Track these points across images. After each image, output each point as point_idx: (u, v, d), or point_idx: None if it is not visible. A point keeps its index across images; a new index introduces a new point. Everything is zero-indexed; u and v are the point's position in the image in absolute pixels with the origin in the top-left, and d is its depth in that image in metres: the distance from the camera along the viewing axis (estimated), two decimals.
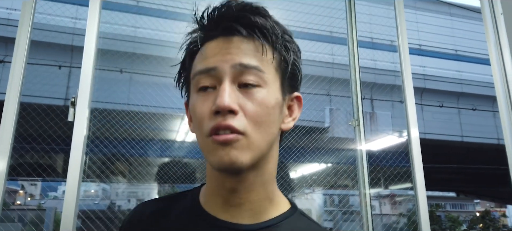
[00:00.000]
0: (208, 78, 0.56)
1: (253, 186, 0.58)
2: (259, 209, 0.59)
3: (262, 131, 0.55)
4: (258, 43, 0.57)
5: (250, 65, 0.55)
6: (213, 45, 0.58)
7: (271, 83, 0.57)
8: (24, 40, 1.42)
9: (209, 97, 0.55)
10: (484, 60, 8.74)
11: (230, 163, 0.53)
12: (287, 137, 5.41)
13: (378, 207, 13.64)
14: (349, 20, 2.52)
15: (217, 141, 0.53)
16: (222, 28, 0.58)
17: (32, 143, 2.72)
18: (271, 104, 0.57)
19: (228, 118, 0.53)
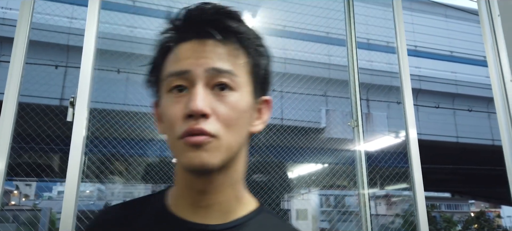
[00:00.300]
0: (180, 80, 0.56)
1: (222, 187, 0.59)
2: (228, 209, 0.60)
3: (234, 134, 0.57)
4: (232, 47, 0.58)
5: (223, 69, 0.56)
6: (186, 48, 0.58)
7: (243, 87, 0.58)
8: (23, 40, 1.42)
9: (181, 99, 0.56)
10: (479, 62, 8.81)
11: (201, 165, 0.54)
12: (287, 137, 5.43)
13: (373, 208, 13.66)
14: (347, 21, 2.53)
15: (189, 142, 0.54)
16: (196, 31, 0.58)
17: (31, 142, 2.71)
18: (243, 108, 0.58)
19: (200, 122, 0.54)
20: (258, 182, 6.18)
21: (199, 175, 0.57)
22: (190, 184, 0.59)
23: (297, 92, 5.79)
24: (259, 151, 5.95)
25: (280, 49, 6.25)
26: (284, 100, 5.87)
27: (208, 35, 0.57)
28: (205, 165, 0.54)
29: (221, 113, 0.55)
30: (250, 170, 6.19)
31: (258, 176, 6.07)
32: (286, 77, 5.95)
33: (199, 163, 0.54)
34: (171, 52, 0.59)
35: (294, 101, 5.78)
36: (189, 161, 0.54)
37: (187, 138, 0.54)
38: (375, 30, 5.64)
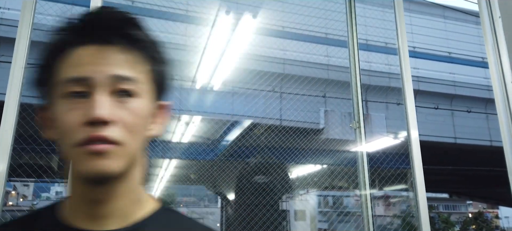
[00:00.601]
0: (79, 86, 0.54)
1: (122, 192, 0.58)
2: (127, 213, 0.59)
3: (136, 140, 0.57)
4: (133, 54, 0.58)
5: (125, 76, 0.56)
6: (86, 52, 0.56)
7: (144, 93, 0.58)
8: (24, 40, 1.42)
9: (80, 106, 0.54)
10: (477, 63, 8.83)
11: (103, 172, 0.53)
12: (287, 138, 5.43)
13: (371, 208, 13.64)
14: (349, 23, 2.52)
15: (89, 150, 0.52)
16: (96, 36, 0.57)
17: (33, 144, 2.71)
18: (144, 114, 0.58)
19: (102, 129, 0.53)
20: (260, 183, 6.18)
21: (98, 184, 0.56)
22: (87, 193, 0.57)
23: (298, 93, 5.80)
24: (260, 152, 5.96)
25: (280, 50, 6.25)
26: (283, 102, 5.88)
27: (108, 41, 0.56)
28: (107, 172, 0.53)
29: (124, 120, 0.55)
30: (252, 171, 6.19)
31: (260, 177, 6.06)
32: (286, 78, 5.95)
33: (101, 171, 0.53)
34: (67, 55, 0.57)
35: (296, 102, 5.78)
36: (90, 169, 0.53)
37: (88, 146, 0.52)
38: (373, 31, 5.65)
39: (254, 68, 5.46)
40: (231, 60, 4.97)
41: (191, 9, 5.28)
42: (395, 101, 6.24)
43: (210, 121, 6.00)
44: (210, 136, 6.34)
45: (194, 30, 5.19)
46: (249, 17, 4.34)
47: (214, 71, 5.14)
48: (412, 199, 7.57)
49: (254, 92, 5.39)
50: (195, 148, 6.30)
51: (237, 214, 7.76)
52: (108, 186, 0.56)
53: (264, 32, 5.71)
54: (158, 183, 8.82)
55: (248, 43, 5.10)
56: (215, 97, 5.71)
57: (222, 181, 7.25)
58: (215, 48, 4.82)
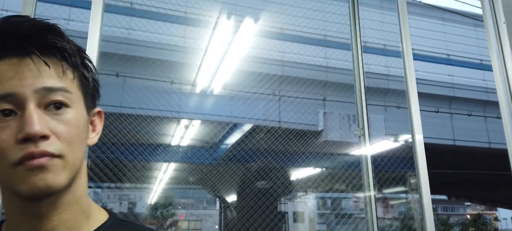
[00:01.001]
0: (5, 104, 0.51)
1: (66, 205, 0.56)
2: (75, 226, 0.57)
3: (76, 150, 0.55)
4: (58, 63, 0.55)
5: (55, 88, 0.53)
6: (4, 67, 0.53)
7: (76, 102, 0.56)
8: None
9: (9, 124, 0.51)
10: (475, 65, 8.85)
11: (47, 187, 0.51)
12: (286, 141, 5.42)
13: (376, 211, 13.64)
14: (353, 26, 2.52)
15: (30, 166, 0.50)
16: (14, 48, 0.53)
17: None
18: (80, 123, 0.56)
19: (40, 144, 0.50)
20: (258, 185, 6.17)
21: (40, 199, 0.53)
22: (29, 211, 0.54)
23: (298, 96, 5.80)
24: (260, 155, 5.95)
25: (278, 52, 6.25)
26: (282, 104, 5.87)
27: (27, 52, 0.53)
28: (50, 186, 0.51)
29: (61, 132, 0.53)
30: (251, 174, 6.18)
31: (260, 182, 6.06)
32: (285, 80, 5.95)
33: (45, 186, 0.51)
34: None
35: (295, 104, 5.78)
36: (32, 186, 0.50)
37: (27, 162, 0.50)
38: (371, 33, 5.66)
39: (253, 70, 5.46)
40: (231, 62, 4.98)
41: (190, 11, 5.28)
42: (394, 103, 6.25)
43: (209, 124, 6.00)
44: (209, 140, 6.33)
45: (194, 33, 5.20)
46: (251, 21, 4.34)
47: (214, 74, 5.14)
48: (411, 201, 7.59)
49: (253, 95, 5.39)
50: (195, 151, 6.29)
51: (236, 216, 7.74)
52: (52, 200, 0.54)
53: (263, 34, 5.71)
54: (157, 186, 8.82)
55: (248, 46, 5.11)
56: (215, 100, 5.71)
57: (221, 184, 7.24)
58: (215, 51, 4.83)
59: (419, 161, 1.88)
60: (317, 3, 5.97)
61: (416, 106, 1.95)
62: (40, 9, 1.56)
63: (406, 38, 2.03)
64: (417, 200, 6.03)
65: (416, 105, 1.95)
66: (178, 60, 5.18)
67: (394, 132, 5.31)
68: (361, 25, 2.60)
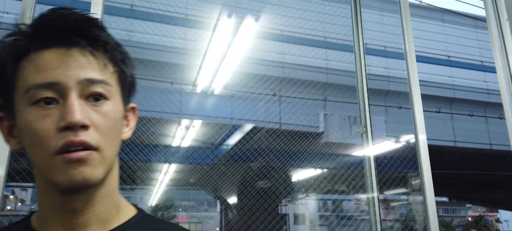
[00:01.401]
0: (49, 92, 0.52)
1: (101, 198, 0.57)
2: (107, 218, 0.58)
3: (112, 144, 0.56)
4: (100, 55, 0.56)
5: (96, 80, 0.55)
6: (50, 56, 0.54)
7: (114, 95, 0.58)
8: None
9: (52, 112, 0.52)
10: (476, 66, 8.84)
11: (84, 181, 0.52)
12: (286, 142, 5.42)
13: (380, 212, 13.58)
14: (355, 27, 2.52)
15: (69, 159, 0.51)
16: (60, 38, 0.54)
17: None
18: (117, 116, 0.57)
19: (80, 134, 0.51)
20: (259, 187, 6.17)
21: (76, 193, 0.54)
22: (64, 202, 0.55)
23: (297, 97, 5.80)
24: (261, 156, 5.95)
25: (278, 53, 6.25)
26: (283, 105, 5.87)
27: (72, 43, 0.55)
28: (88, 180, 0.52)
29: (99, 124, 0.54)
30: (252, 176, 6.18)
31: (260, 182, 6.05)
32: (284, 82, 5.95)
33: (82, 179, 0.51)
34: (29, 60, 0.54)
35: (295, 106, 5.78)
36: (69, 179, 0.51)
37: (66, 154, 0.51)
38: (371, 34, 5.66)
39: (253, 72, 5.46)
40: (231, 64, 4.98)
41: (190, 13, 5.29)
42: (394, 104, 6.24)
43: (208, 125, 6.00)
44: (208, 139, 6.33)
45: (195, 34, 5.21)
46: (251, 20, 4.34)
47: (214, 75, 5.15)
48: (412, 202, 7.55)
49: (252, 95, 5.39)
50: (195, 151, 6.29)
51: (237, 218, 7.73)
52: (87, 193, 0.55)
53: (263, 36, 5.72)
54: (158, 187, 8.81)
55: (248, 47, 5.11)
56: (215, 101, 5.71)
57: (221, 185, 7.24)
58: (216, 53, 4.83)
59: (423, 161, 1.88)
60: (316, 5, 5.97)
61: (419, 106, 1.95)
62: (39, 10, 1.56)
63: (409, 39, 2.03)
64: (419, 202, 6.01)
65: (419, 105, 1.95)
66: (178, 62, 5.18)
67: (394, 134, 5.30)
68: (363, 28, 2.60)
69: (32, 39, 0.55)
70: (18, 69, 0.55)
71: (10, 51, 0.55)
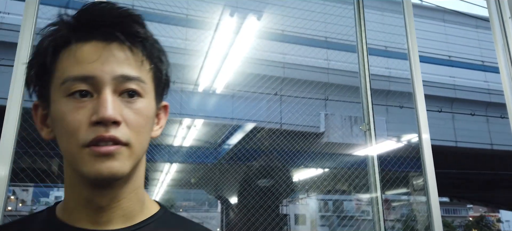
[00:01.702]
0: (84, 85, 0.53)
1: (126, 193, 0.57)
2: (132, 213, 0.59)
3: (142, 140, 0.56)
4: (138, 52, 0.56)
5: (132, 76, 0.55)
6: (89, 49, 0.54)
7: (148, 92, 0.57)
8: (26, 45, 1.42)
9: (85, 105, 0.52)
10: (477, 66, 8.84)
11: (111, 175, 0.52)
12: (286, 144, 5.42)
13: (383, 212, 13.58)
14: (358, 27, 2.52)
15: (97, 152, 0.51)
16: (100, 32, 0.55)
17: (35, 147, 2.70)
18: (149, 114, 0.57)
19: (111, 129, 0.52)
20: (261, 187, 6.17)
21: (104, 186, 0.54)
22: (90, 194, 0.55)
23: (298, 96, 5.80)
24: (262, 156, 5.95)
25: (279, 54, 6.26)
26: (283, 106, 5.88)
27: (112, 37, 0.55)
28: (115, 174, 0.52)
29: (131, 121, 0.54)
30: (254, 175, 6.18)
31: (262, 181, 6.05)
32: (285, 82, 5.96)
33: (109, 173, 0.52)
34: (68, 51, 0.55)
35: (296, 106, 5.78)
36: (96, 171, 0.51)
37: (94, 147, 0.51)
38: (371, 34, 5.66)
39: (254, 72, 5.47)
40: (232, 63, 4.99)
41: (191, 13, 5.29)
42: (396, 104, 6.24)
43: (209, 124, 6.00)
44: (209, 139, 6.34)
45: (195, 34, 5.21)
46: (252, 20, 4.34)
47: (216, 74, 5.15)
48: (413, 202, 7.52)
49: (253, 95, 5.40)
50: (196, 151, 6.30)
51: (238, 218, 7.72)
52: (113, 189, 0.55)
53: (264, 36, 5.72)
54: (159, 187, 8.81)
55: (249, 47, 5.12)
56: (216, 101, 5.72)
57: (222, 185, 7.24)
58: (217, 53, 4.84)
59: (426, 160, 1.87)
60: (317, 5, 5.98)
61: (423, 105, 1.94)
62: (42, 11, 1.57)
63: (412, 39, 2.03)
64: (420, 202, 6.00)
65: (423, 105, 1.94)
66: (179, 62, 5.19)
67: (395, 134, 5.31)
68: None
69: (73, 31, 0.55)
70: (57, 60, 0.55)
71: (51, 41, 0.55)
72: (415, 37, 2.05)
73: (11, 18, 6.24)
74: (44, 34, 0.57)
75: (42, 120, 0.59)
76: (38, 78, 0.57)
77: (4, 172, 1.30)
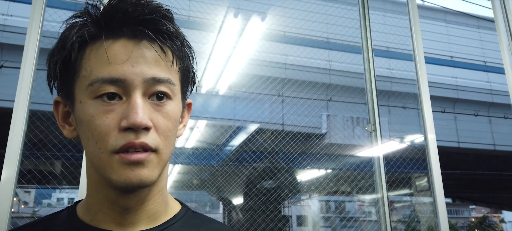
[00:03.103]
0: (113, 88, 0.50)
1: (151, 195, 0.56)
2: (156, 215, 0.58)
3: (170, 144, 0.54)
4: (167, 50, 0.54)
5: (163, 79, 0.52)
6: (118, 49, 0.51)
7: (177, 94, 0.56)
8: (33, 48, 1.43)
9: (114, 108, 0.50)
10: (479, 67, 8.83)
11: (140, 182, 0.50)
12: (290, 144, 5.42)
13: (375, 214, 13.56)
14: (363, 29, 2.53)
15: (128, 160, 0.49)
16: (129, 29, 0.52)
17: (42, 149, 2.70)
18: (177, 116, 0.56)
19: (141, 135, 0.49)
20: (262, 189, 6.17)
21: (130, 192, 0.53)
22: (115, 198, 0.54)
23: (302, 97, 5.81)
24: (265, 157, 5.95)
25: (281, 55, 6.26)
26: (286, 107, 5.88)
27: (142, 35, 0.52)
28: (144, 182, 0.51)
29: (160, 125, 0.52)
30: (256, 177, 6.17)
31: (267, 182, 6.05)
32: (288, 83, 5.96)
33: (138, 181, 0.50)
34: (93, 47, 0.52)
35: (298, 107, 5.79)
36: (125, 179, 0.50)
37: (124, 155, 0.49)
38: (374, 35, 5.66)
39: (257, 73, 5.47)
40: (235, 65, 5.00)
41: (193, 15, 5.30)
42: (398, 105, 6.24)
43: (214, 126, 6.01)
44: (213, 141, 6.35)
45: (198, 36, 5.22)
46: (255, 22, 4.35)
47: (219, 76, 5.17)
48: (416, 203, 7.49)
49: (257, 97, 5.40)
50: (199, 153, 6.31)
51: (240, 219, 7.73)
52: (140, 193, 0.54)
53: (266, 37, 5.73)
54: None
55: (252, 49, 5.13)
56: (219, 102, 5.73)
57: (225, 186, 7.25)
58: (219, 55, 4.85)
59: (432, 160, 1.88)
60: (320, 6, 5.98)
61: (428, 105, 1.95)
62: (49, 13, 1.58)
63: (417, 41, 2.03)
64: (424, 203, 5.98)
65: (428, 105, 1.95)
66: None
67: (397, 135, 5.30)
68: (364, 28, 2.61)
69: (102, 27, 0.52)
70: (83, 55, 0.53)
71: (77, 37, 0.52)
72: (421, 39, 2.05)
73: (13, 20, 6.26)
74: (68, 27, 0.54)
75: (64, 117, 0.57)
76: (62, 74, 0.54)
77: (11, 174, 1.31)
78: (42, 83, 2.46)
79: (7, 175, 1.31)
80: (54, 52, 0.55)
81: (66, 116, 0.57)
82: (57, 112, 0.58)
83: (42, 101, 3.48)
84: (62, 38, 0.54)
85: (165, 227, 0.58)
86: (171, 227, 0.59)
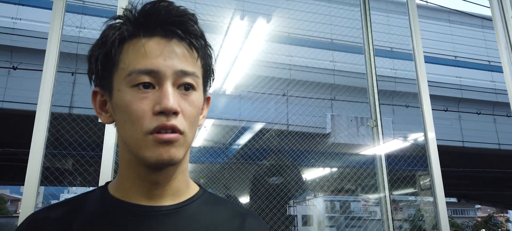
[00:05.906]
0: (148, 78, 0.59)
1: (176, 174, 0.65)
2: (179, 193, 0.66)
3: (193, 129, 0.63)
4: (193, 49, 0.63)
5: (189, 72, 0.61)
6: (153, 45, 0.61)
7: (200, 86, 0.65)
8: (54, 51, 1.51)
9: (149, 96, 0.59)
10: (483, 66, 8.81)
11: (170, 159, 0.59)
12: (294, 143, 5.47)
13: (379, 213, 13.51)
14: (365, 29, 2.57)
15: (160, 139, 0.58)
16: (163, 29, 0.61)
17: (69, 148, 2.77)
18: (200, 105, 0.65)
19: (172, 119, 0.58)
20: (268, 188, 6.21)
21: (160, 168, 0.61)
22: (145, 176, 0.62)
23: (305, 97, 5.85)
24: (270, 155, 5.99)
25: (286, 56, 6.31)
26: (290, 107, 5.93)
27: (172, 34, 0.61)
28: (173, 159, 0.59)
29: (187, 112, 0.61)
30: (262, 176, 6.22)
31: (273, 178, 6.10)
32: (292, 84, 6.01)
33: (168, 158, 0.58)
34: (131, 44, 0.61)
35: (302, 107, 5.83)
36: (157, 156, 0.58)
37: (157, 135, 0.58)
38: (376, 35, 5.69)
39: (262, 74, 5.53)
40: (241, 66, 5.06)
41: (201, 18, 5.37)
42: (402, 104, 6.26)
43: (220, 126, 6.07)
44: (217, 139, 6.41)
45: (206, 38, 5.29)
46: (260, 25, 4.41)
47: (225, 77, 5.23)
48: (420, 202, 7.48)
49: (262, 96, 5.46)
50: (206, 151, 6.37)
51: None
52: (168, 170, 0.63)
53: (271, 39, 5.78)
54: None
55: (258, 50, 5.19)
56: (225, 102, 5.79)
57: (231, 184, 7.30)
58: (225, 56, 4.91)
59: (432, 158, 1.91)
60: (324, 8, 6.03)
61: (428, 104, 1.98)
62: (68, 16, 1.65)
63: (417, 40, 2.08)
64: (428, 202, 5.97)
65: (428, 103, 1.98)
66: None
67: (402, 134, 5.34)
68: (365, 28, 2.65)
69: (140, 26, 0.62)
70: (121, 51, 0.62)
71: (118, 34, 0.62)
72: (420, 38, 2.10)
73: (23, 23, 6.36)
74: (107, 27, 0.63)
75: (101, 105, 0.66)
76: (102, 67, 0.63)
77: (36, 173, 1.39)
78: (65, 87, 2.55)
79: (31, 173, 1.39)
80: (95, 49, 0.64)
81: (103, 104, 0.66)
82: (95, 101, 0.67)
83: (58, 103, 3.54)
84: (102, 37, 0.63)
85: (187, 204, 0.67)
86: (192, 204, 0.68)
